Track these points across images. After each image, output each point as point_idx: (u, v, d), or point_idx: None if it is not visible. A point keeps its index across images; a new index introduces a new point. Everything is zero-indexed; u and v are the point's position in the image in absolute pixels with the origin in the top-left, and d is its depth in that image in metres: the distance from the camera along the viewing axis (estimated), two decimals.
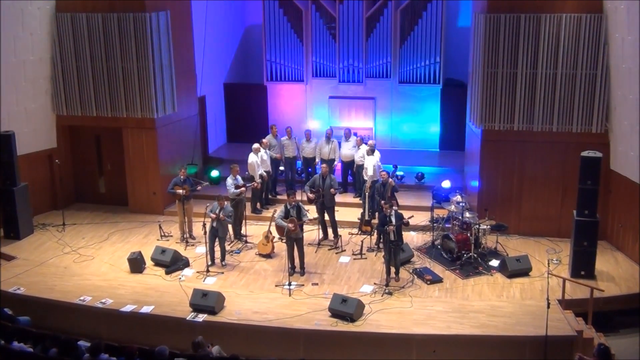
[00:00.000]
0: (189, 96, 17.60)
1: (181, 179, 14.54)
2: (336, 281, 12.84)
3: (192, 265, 13.61)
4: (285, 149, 16.87)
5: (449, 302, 11.92)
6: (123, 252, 14.21)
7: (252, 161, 15.51)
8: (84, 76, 16.01)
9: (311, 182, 14.53)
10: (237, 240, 14.73)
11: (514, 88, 14.07)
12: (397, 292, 12.27)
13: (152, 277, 13.14)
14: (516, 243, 14.36)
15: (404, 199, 15.99)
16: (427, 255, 13.86)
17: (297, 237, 12.87)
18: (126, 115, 16.03)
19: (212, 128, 20.11)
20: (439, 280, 12.71)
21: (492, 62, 14.07)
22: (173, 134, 16.80)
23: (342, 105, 19.76)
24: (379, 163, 15.43)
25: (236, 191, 14.43)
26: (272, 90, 20.35)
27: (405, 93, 19.47)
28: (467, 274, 12.96)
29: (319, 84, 19.89)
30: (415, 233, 15.08)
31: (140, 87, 15.78)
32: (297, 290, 12.44)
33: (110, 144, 16.93)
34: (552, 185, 14.37)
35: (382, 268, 12.80)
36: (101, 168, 17.31)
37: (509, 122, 14.24)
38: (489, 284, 12.59)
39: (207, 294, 11.69)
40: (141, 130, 16.14)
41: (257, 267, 13.56)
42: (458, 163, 17.83)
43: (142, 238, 15.14)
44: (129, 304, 11.98)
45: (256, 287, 12.67)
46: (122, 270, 13.43)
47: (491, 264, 13.29)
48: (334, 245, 14.41)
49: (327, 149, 16.60)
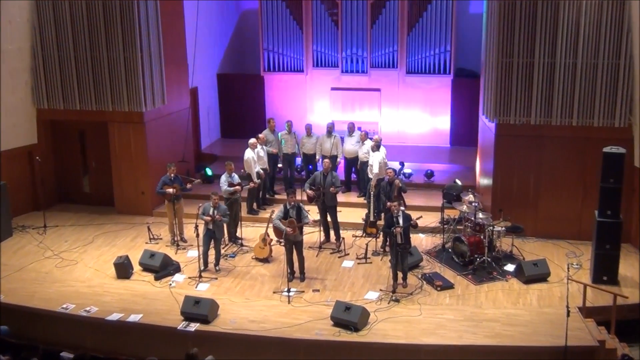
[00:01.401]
0: (180, 88, 17.59)
1: (170, 178, 14.52)
2: (339, 287, 12.83)
3: (183, 271, 13.59)
4: (285, 144, 16.86)
5: (461, 310, 11.90)
6: (109, 256, 14.20)
7: (249, 158, 15.50)
8: (67, 67, 16.00)
9: (311, 179, 14.52)
10: (232, 244, 14.71)
11: (530, 79, 14.05)
12: (405, 299, 12.26)
13: (140, 283, 13.13)
14: (533, 246, 14.34)
15: (412, 198, 15.97)
16: (437, 260, 13.85)
17: (296, 240, 12.85)
18: (112, 109, 16.02)
19: (205, 122, 20.11)
20: (450, 287, 12.70)
21: (507, 51, 14.04)
22: (163, 129, 16.79)
23: (345, 97, 19.75)
24: (385, 160, 15.41)
25: (229, 189, 14.41)
26: (270, 81, 20.34)
27: (413, 84, 19.45)
28: (481, 279, 12.94)
29: (320, 75, 19.87)
30: (424, 235, 15.07)
31: (127, 78, 15.76)
32: (296, 297, 12.42)
33: (95, 139, 16.91)
34: (571, 183, 14.35)
35: (389, 273, 12.78)
36: (85, 166, 17.30)
37: (525, 115, 14.22)
38: (504, 291, 12.58)
39: (200, 302, 11.67)
40: (128, 125, 16.12)
41: (253, 273, 13.55)
42: (470, 160, 17.81)
43: (129, 241, 15.13)
44: (116, 312, 11.96)
45: (253, 294, 12.66)
46: (107, 276, 13.42)
47: (506, 269, 13.27)
48: (336, 248, 14.39)
49: (328, 145, 16.59)
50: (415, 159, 18.26)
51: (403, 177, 16.73)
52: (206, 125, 20.20)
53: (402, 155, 17.78)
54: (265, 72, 20.13)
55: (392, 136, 19.62)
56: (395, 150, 18.29)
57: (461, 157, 18.66)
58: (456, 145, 19.50)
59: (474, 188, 15.80)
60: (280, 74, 20.08)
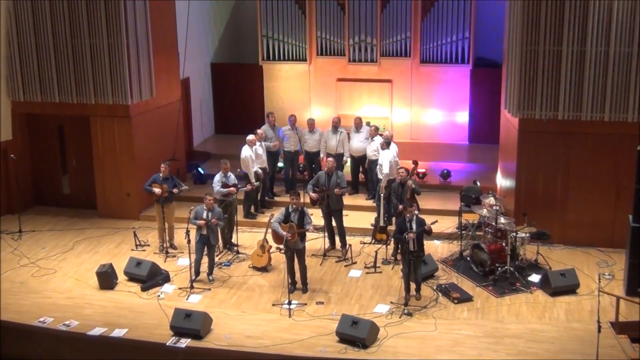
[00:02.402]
0: (170, 79, 17.60)
1: (160, 177, 14.52)
2: (345, 300, 12.82)
3: (173, 281, 13.60)
4: (286, 140, 16.86)
5: (481, 325, 11.88)
6: (91, 264, 14.21)
7: (246, 156, 15.50)
8: (45, 55, 16.01)
9: (315, 180, 14.51)
10: (227, 251, 14.72)
11: (557, 69, 14.02)
12: (418, 312, 12.24)
13: (125, 295, 13.13)
14: (561, 254, 14.32)
15: (427, 201, 15.95)
16: (454, 269, 13.83)
17: (297, 247, 12.85)
18: (95, 102, 16.04)
19: (198, 117, 20.11)
20: (469, 299, 12.68)
21: (532, 38, 14.01)
22: (151, 124, 16.80)
23: (353, 89, 19.74)
24: (396, 158, 15.40)
25: (223, 190, 14.41)
26: (269, 71, 20.34)
27: (428, 75, 19.43)
28: (502, 291, 12.92)
29: (324, 64, 19.87)
30: (439, 242, 15.05)
31: (112, 68, 15.77)
32: (298, 310, 12.42)
33: (75, 135, 16.93)
34: (603, 185, 14.33)
35: (400, 284, 12.77)
36: (65, 164, 17.32)
37: (552, 109, 14.19)
38: (529, 304, 12.55)
39: (191, 315, 11.67)
40: (113, 119, 16.14)
41: (250, 283, 13.55)
42: (491, 158, 17.79)
43: (113, 248, 15.14)
44: (98, 326, 11.96)
45: (249, 307, 12.65)
46: (89, 286, 13.43)
47: (531, 280, 13.25)
48: (342, 256, 14.39)
49: (334, 142, 16.58)
50: (430, 158, 18.24)
51: (416, 177, 16.72)
52: (199, 120, 20.20)
53: (416, 153, 17.74)
54: (264, 62, 20.12)
55: (404, 132, 19.61)
56: (407, 147, 18.27)
57: (481, 155, 18.63)
58: (475, 142, 19.48)
59: (495, 190, 15.76)
60: (280, 63, 20.07)
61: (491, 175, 17.23)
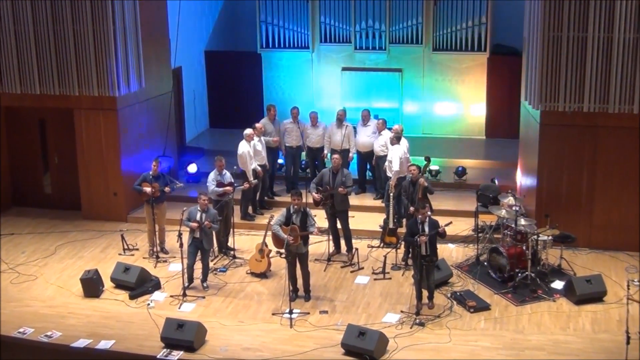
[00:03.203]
0: (160, 68, 17.60)
1: (151, 175, 14.53)
2: (351, 308, 12.82)
3: (164, 288, 13.61)
4: (287, 135, 16.86)
5: (499, 335, 11.88)
6: (74, 270, 14.23)
7: (244, 152, 15.49)
8: (24, 43, 15.98)
9: (318, 178, 14.51)
10: (223, 255, 14.72)
11: (583, 57, 14.00)
12: (431, 322, 12.24)
13: (112, 303, 13.14)
14: (586, 259, 14.31)
15: (440, 201, 15.95)
16: (469, 275, 13.83)
17: (299, 251, 12.85)
18: (79, 93, 16.03)
19: (191, 109, 20.11)
20: (486, 308, 12.67)
21: (555, 23, 13.99)
22: (139, 117, 16.81)
23: (359, 79, 19.74)
24: (406, 154, 15.39)
25: (218, 190, 14.41)
26: (269, 60, 20.34)
27: (441, 64, 19.43)
28: (523, 299, 12.91)
29: (329, 52, 19.86)
30: (454, 246, 15.05)
31: (97, 56, 15.76)
32: (300, 320, 12.42)
33: (58, 130, 16.95)
34: (632, 184, 14.31)
35: (411, 291, 12.77)
36: (46, 161, 17.33)
37: (576, 101, 14.17)
38: (551, 313, 12.55)
39: (184, 325, 11.67)
40: (98, 113, 16.15)
41: (248, 290, 13.56)
42: (510, 155, 17.77)
43: (99, 252, 15.16)
44: (83, 337, 11.96)
45: (247, 316, 12.66)
46: (73, 294, 13.44)
47: (554, 287, 13.24)
48: (348, 261, 14.39)
49: (339, 137, 16.58)
50: (443, 154, 18.22)
51: (429, 175, 16.70)
52: (192, 112, 20.19)
53: (428, 149, 17.74)
54: (262, 49, 20.12)
55: (415, 126, 19.60)
56: (419, 142, 18.26)
57: (499, 151, 18.62)
58: (493, 137, 19.47)
59: (515, 189, 15.75)
60: (281, 51, 20.07)
61: (510, 172, 17.20)
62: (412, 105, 19.75)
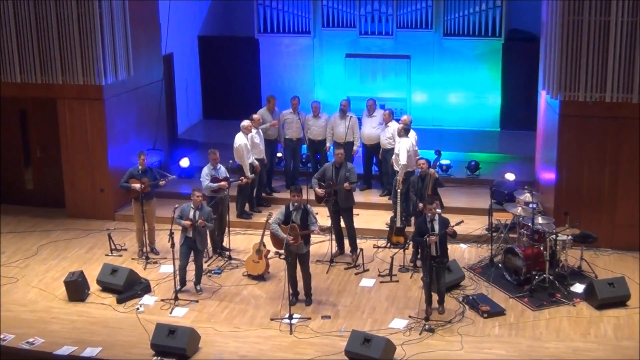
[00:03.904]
0: (150, 55, 17.60)
1: (139, 170, 14.53)
2: (356, 313, 12.83)
3: (154, 291, 13.61)
4: (287, 126, 16.86)
5: (514, 342, 11.88)
6: (58, 272, 14.24)
7: (240, 145, 15.49)
8: (5, 29, 15.97)
9: (320, 173, 14.51)
10: (217, 256, 14.74)
11: (605, 43, 13.98)
12: (442, 328, 12.25)
13: (98, 307, 13.14)
14: (608, 260, 14.32)
15: (451, 197, 15.97)
16: (483, 277, 13.84)
17: (300, 251, 12.86)
18: (62, 82, 16.03)
19: (183, 99, 20.10)
20: (500, 313, 12.68)
21: (575, 6, 13.97)
22: (128, 108, 16.82)
23: (365, 66, 19.73)
24: (415, 147, 15.39)
25: (213, 185, 14.42)
26: (267, 45, 20.33)
27: (453, 50, 19.41)
28: (540, 303, 12.91)
29: (332, 38, 19.85)
30: (466, 246, 15.06)
31: (82, 42, 15.75)
32: (301, 325, 12.43)
33: (40, 121, 16.95)
34: None
35: (420, 295, 12.78)
36: (28, 155, 17.33)
37: (598, 90, 14.16)
38: (571, 318, 12.55)
39: (176, 331, 11.68)
40: (83, 102, 16.15)
41: (244, 294, 13.57)
42: (527, 148, 17.78)
43: (84, 253, 15.17)
44: (67, 344, 11.96)
45: (244, 322, 12.67)
46: (56, 298, 13.44)
47: (573, 290, 13.25)
48: (352, 262, 14.40)
49: (342, 128, 16.58)
50: (455, 147, 18.22)
51: (439, 170, 16.70)
52: (184, 102, 20.18)
53: (438, 141, 17.75)
54: (260, 34, 20.11)
55: (425, 117, 19.59)
56: (429, 135, 18.26)
57: (515, 144, 18.62)
58: (508, 128, 19.47)
59: (532, 185, 15.75)
60: (280, 36, 20.05)
61: (527, 167, 17.22)
62: (421, 95, 19.73)
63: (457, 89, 19.65)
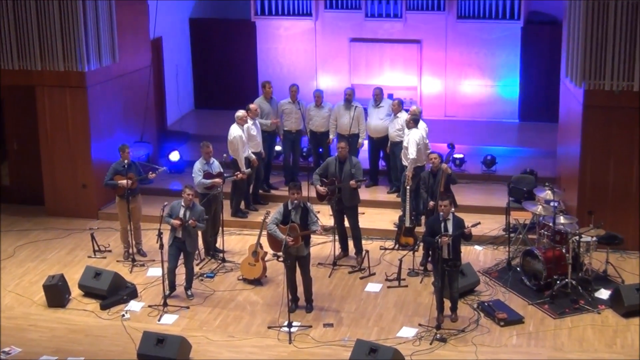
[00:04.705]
0: (137, 39, 17.59)
1: (124, 165, 14.53)
2: (361, 321, 12.84)
3: (141, 296, 13.63)
4: (286, 117, 16.86)
5: (534, 353, 11.89)
6: (36, 275, 14.26)
7: (235, 137, 15.49)
8: None
9: (323, 168, 14.49)
10: (210, 258, 14.74)
11: (633, 27, 13.98)
12: (454, 338, 12.25)
13: (80, 314, 13.15)
14: (636, 264, 14.30)
15: (465, 195, 16.00)
16: (499, 282, 13.84)
17: (300, 253, 12.86)
18: (42, 68, 16.04)
19: (172, 87, 20.10)
20: (519, 321, 12.69)
21: None
22: (113, 96, 16.82)
23: (371, 52, 19.73)
24: (425, 140, 15.38)
25: (206, 181, 14.41)
26: (264, 29, 20.32)
27: (468, 34, 19.39)
28: (562, 310, 12.91)
29: (335, 20, 19.84)
30: (481, 248, 15.07)
31: (63, 26, 15.74)
32: (301, 334, 12.43)
33: (17, 111, 16.96)
34: None
35: (432, 301, 12.79)
36: (4, 148, 17.34)
37: (625, 78, 14.15)
38: (595, 327, 12.55)
39: (165, 340, 11.69)
40: (64, 91, 16.16)
41: (240, 299, 13.58)
42: (548, 141, 17.78)
43: (65, 254, 15.19)
44: (46, 354, 11.97)
45: (239, 330, 12.68)
46: (35, 304, 13.45)
47: (598, 296, 13.25)
48: (357, 266, 14.40)
49: (346, 119, 16.58)
50: (469, 140, 18.23)
51: (452, 165, 16.69)
52: (174, 91, 20.18)
53: (451, 133, 17.75)
54: (257, 17, 20.10)
55: (436, 106, 19.60)
56: (441, 126, 18.27)
57: (535, 136, 18.64)
58: (528, 120, 19.49)
59: (553, 181, 15.75)
60: (278, 18, 20.05)
61: (548, 162, 17.21)
62: (432, 83, 19.71)
63: (471, 76, 19.63)
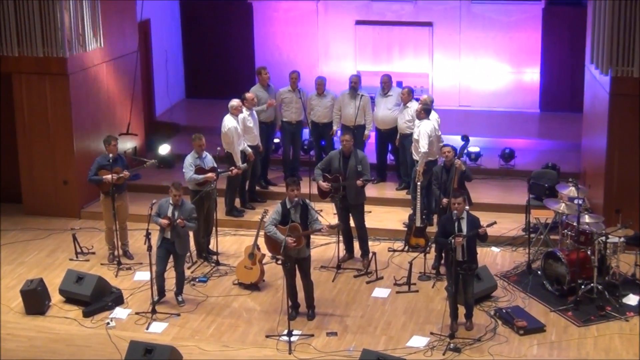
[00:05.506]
0: (123, 22, 17.61)
1: (109, 158, 14.52)
2: (367, 329, 12.84)
3: (127, 302, 13.64)
4: (286, 107, 16.85)
5: None
6: (13, 279, 14.28)
7: (230, 128, 15.49)
8: None
9: (325, 162, 14.49)
10: (203, 261, 14.75)
11: None
12: (469, 347, 12.25)
13: (61, 322, 13.16)
14: None
15: (481, 191, 16.01)
16: (519, 287, 13.84)
17: (300, 255, 12.86)
18: (18, 54, 16.05)
19: (162, 75, 20.11)
20: (540, 329, 12.68)
21: None
22: (96, 85, 16.83)
23: (378, 36, 19.75)
24: (438, 132, 15.38)
25: (198, 177, 14.42)
26: (261, 11, 20.35)
27: (483, 16, 19.41)
28: (587, 317, 12.91)
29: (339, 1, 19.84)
30: (499, 249, 15.08)
31: (42, 7, 15.75)
32: (302, 343, 12.43)
33: None
34: None
35: (445, 307, 12.78)
36: None
37: None
38: (623, 335, 12.55)
39: (154, 350, 11.69)
40: (44, 78, 16.18)
41: (235, 306, 13.59)
42: (571, 132, 17.79)
43: (44, 257, 15.20)
44: None
45: (234, 339, 12.68)
46: (11, 310, 13.46)
47: (626, 302, 13.24)
48: (363, 269, 14.41)
49: (352, 109, 16.58)
50: (486, 132, 18.25)
51: (467, 159, 16.69)
52: (163, 79, 20.19)
53: (466, 125, 17.76)
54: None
55: (450, 96, 19.63)
56: (455, 117, 18.28)
57: (557, 128, 18.66)
58: (550, 110, 19.50)
59: (577, 177, 15.74)
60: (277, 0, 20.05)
61: (571, 156, 17.22)
62: (445, 70, 19.71)
63: (488, 63, 19.63)
